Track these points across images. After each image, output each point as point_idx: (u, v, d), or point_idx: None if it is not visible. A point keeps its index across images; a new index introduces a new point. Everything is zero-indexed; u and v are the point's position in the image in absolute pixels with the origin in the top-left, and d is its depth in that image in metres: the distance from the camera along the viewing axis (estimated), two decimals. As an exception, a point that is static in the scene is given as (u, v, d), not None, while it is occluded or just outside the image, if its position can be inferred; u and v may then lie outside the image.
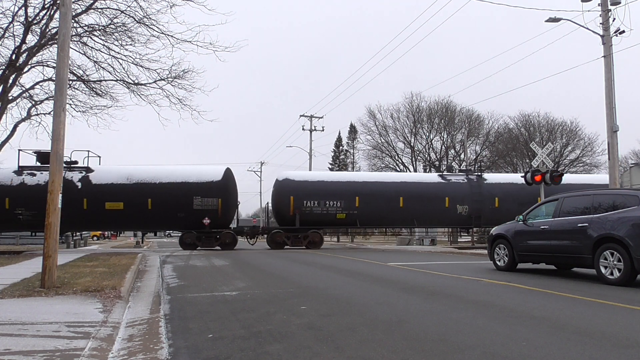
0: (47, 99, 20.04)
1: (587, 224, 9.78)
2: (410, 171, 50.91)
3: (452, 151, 54.19)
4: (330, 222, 25.30)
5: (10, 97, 19.29)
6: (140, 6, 17.91)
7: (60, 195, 8.79)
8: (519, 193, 25.05)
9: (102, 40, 18.91)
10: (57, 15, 16.87)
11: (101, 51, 19.16)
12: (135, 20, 18.15)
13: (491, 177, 27.58)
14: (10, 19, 17.92)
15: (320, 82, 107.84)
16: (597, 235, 9.50)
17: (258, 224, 28.12)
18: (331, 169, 59.24)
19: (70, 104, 19.32)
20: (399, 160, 54.34)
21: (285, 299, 7.78)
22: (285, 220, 25.20)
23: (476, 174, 27.36)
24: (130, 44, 18.74)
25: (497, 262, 12.35)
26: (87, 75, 19.94)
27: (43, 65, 19.76)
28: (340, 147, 62.41)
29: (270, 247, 24.79)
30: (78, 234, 30.33)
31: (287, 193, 24.89)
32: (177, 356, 4.70)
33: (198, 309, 7.11)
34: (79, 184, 23.00)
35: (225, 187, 24.11)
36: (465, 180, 26.38)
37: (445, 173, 28.25)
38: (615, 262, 9.16)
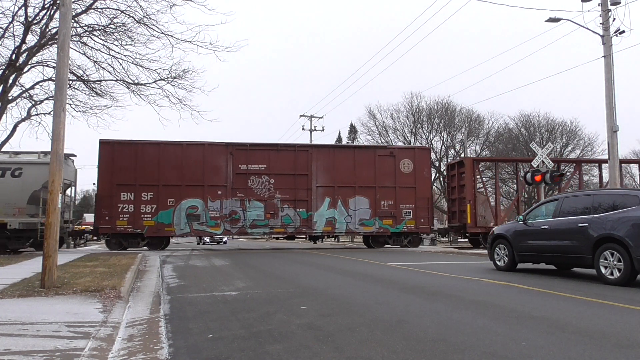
0: (47, 99, 20.03)
1: (587, 224, 9.78)
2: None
3: (452, 151, 54.16)
4: None
5: (10, 97, 19.26)
6: (140, 6, 17.94)
7: (60, 195, 8.77)
8: None
9: (102, 40, 18.92)
10: (57, 15, 16.87)
11: (101, 51, 19.17)
12: (135, 20, 18.16)
13: None
14: (10, 19, 17.92)
15: (320, 82, 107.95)
16: (597, 235, 9.51)
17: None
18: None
19: (70, 104, 19.34)
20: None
21: (285, 299, 7.78)
22: None
23: None
24: (130, 44, 18.76)
25: (497, 262, 12.35)
26: (87, 75, 19.93)
27: (43, 65, 19.76)
28: (340, 147, 62.33)
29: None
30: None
31: None
32: (177, 356, 4.69)
33: (198, 309, 7.11)
34: None
35: None
36: None
37: None
38: (615, 262, 9.16)
